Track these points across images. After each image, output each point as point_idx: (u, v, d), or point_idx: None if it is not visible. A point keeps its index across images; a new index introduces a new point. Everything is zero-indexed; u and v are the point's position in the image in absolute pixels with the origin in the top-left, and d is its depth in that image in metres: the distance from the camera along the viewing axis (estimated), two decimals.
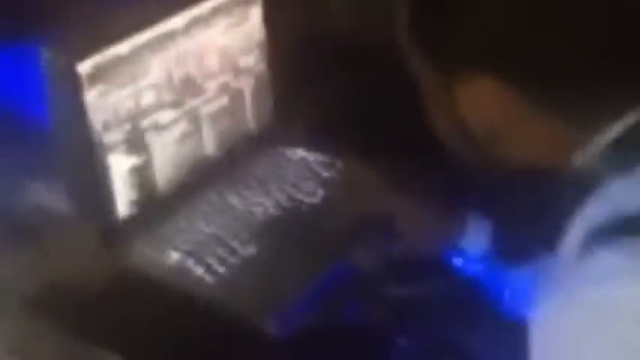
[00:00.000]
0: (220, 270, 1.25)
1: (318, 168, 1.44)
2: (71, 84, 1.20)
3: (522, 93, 0.83)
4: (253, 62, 1.42)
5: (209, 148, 1.39)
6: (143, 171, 1.29)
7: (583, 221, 0.81)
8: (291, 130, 1.47)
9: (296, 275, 1.23)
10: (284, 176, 1.42)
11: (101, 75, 1.21)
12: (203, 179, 1.38)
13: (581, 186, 0.83)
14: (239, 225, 1.32)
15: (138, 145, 1.28)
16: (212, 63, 1.36)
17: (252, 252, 1.28)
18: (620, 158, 0.82)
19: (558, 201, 0.85)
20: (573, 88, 0.82)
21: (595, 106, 0.82)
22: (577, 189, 0.83)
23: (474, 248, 1.19)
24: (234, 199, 1.37)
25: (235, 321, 1.17)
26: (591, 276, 0.76)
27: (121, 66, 1.23)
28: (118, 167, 1.26)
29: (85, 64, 1.19)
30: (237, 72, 1.40)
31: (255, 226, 1.32)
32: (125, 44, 1.23)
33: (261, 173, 1.43)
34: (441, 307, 1.18)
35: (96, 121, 1.22)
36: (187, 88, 1.33)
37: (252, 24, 1.40)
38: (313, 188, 1.40)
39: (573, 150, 0.84)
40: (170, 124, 1.32)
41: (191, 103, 1.35)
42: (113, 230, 1.27)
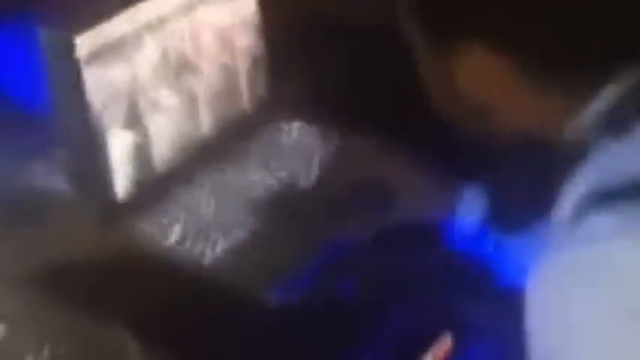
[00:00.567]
0: (220, 246, 1.25)
1: (314, 143, 1.44)
2: (69, 63, 1.20)
3: (516, 62, 0.83)
4: (249, 40, 1.43)
5: (206, 126, 1.39)
6: (141, 149, 1.30)
7: (578, 186, 0.81)
8: (287, 107, 1.47)
9: (295, 249, 1.24)
10: (281, 152, 1.43)
11: (99, 54, 1.22)
12: (201, 157, 1.38)
13: (575, 152, 0.83)
14: (237, 201, 1.33)
15: (136, 124, 1.29)
16: (208, 41, 1.37)
17: (250, 228, 1.28)
18: (614, 124, 0.82)
19: (553, 168, 0.85)
20: (565, 56, 0.82)
21: (588, 73, 0.82)
22: (571, 155, 0.83)
23: (469, 217, 1.19)
24: (232, 176, 1.38)
25: (235, 296, 1.18)
26: (587, 239, 0.76)
27: (119, 45, 1.24)
28: (117, 146, 1.27)
29: (84, 44, 1.20)
30: (233, 50, 1.41)
31: (253, 202, 1.33)
32: (123, 24, 1.24)
33: (258, 150, 1.43)
34: (436, 277, 1.19)
35: (94, 100, 1.22)
36: (184, 67, 1.34)
37: (247, 2, 1.40)
38: (310, 163, 1.40)
39: (567, 117, 0.84)
40: (167, 103, 1.33)
41: (188, 82, 1.35)
42: (112, 209, 1.27)
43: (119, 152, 1.27)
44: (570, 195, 0.82)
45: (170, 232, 1.27)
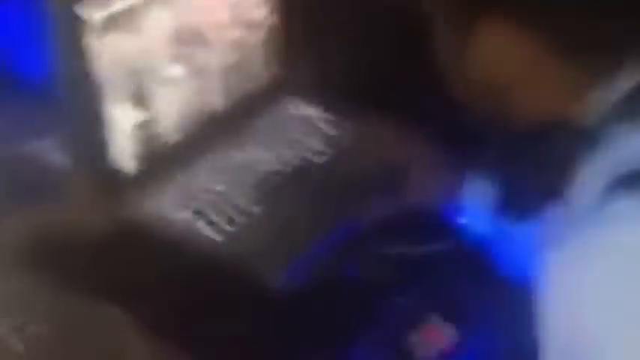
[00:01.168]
0: (226, 226, 1.24)
1: (325, 124, 1.43)
2: (76, 35, 1.18)
3: (537, 39, 0.82)
4: (263, 16, 1.40)
5: (216, 103, 1.37)
6: (149, 125, 1.28)
7: (600, 171, 0.80)
8: (299, 86, 1.46)
9: (303, 231, 1.23)
10: (291, 132, 1.42)
11: (108, 27, 1.19)
12: (210, 135, 1.36)
13: (593, 136, 0.82)
14: (245, 181, 1.31)
15: (144, 99, 1.26)
16: (221, 16, 1.34)
17: (258, 208, 1.27)
18: (635, 109, 0.81)
19: (570, 154, 0.83)
20: (588, 35, 0.81)
21: (610, 53, 0.81)
22: (589, 140, 0.82)
23: (480, 206, 1.18)
24: (241, 155, 1.36)
25: (241, 277, 1.16)
26: (612, 222, 0.76)
27: (129, 18, 1.21)
28: (124, 121, 1.24)
29: (93, 15, 1.18)
30: (246, 26, 1.38)
31: (261, 182, 1.31)
32: None
33: (268, 129, 1.42)
34: (444, 265, 1.18)
35: (102, 74, 1.20)
36: (194, 43, 1.31)
37: None
38: (320, 144, 1.39)
39: (586, 99, 0.83)
40: (177, 78, 1.30)
41: (199, 57, 1.33)
42: (118, 186, 1.25)
43: (126, 128, 1.25)
44: (591, 180, 0.81)
45: (174, 210, 1.26)
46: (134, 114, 1.26)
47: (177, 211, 1.25)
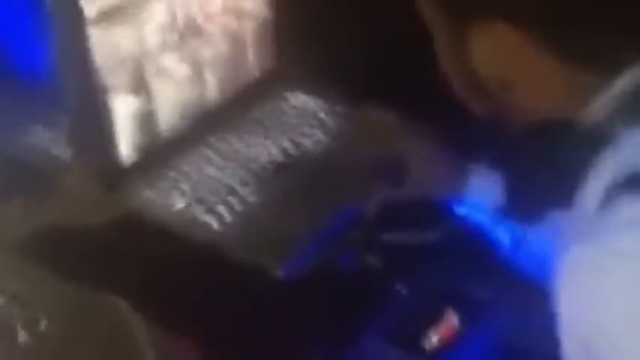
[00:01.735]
0: (225, 215, 1.24)
1: (321, 113, 1.44)
2: (75, 27, 1.18)
3: (537, 38, 0.82)
4: (257, 6, 1.41)
5: (213, 93, 1.38)
6: (146, 115, 1.28)
7: (607, 171, 0.80)
8: (294, 75, 1.46)
9: (301, 220, 1.23)
10: (288, 121, 1.42)
11: (106, 18, 1.20)
12: (207, 124, 1.37)
13: (599, 137, 0.81)
14: (243, 170, 1.32)
15: (141, 89, 1.27)
16: (216, 6, 1.35)
17: (257, 197, 1.28)
18: (637, 108, 0.80)
19: (573, 154, 0.83)
20: (589, 33, 0.81)
21: (611, 53, 0.81)
22: (595, 140, 0.81)
23: (481, 197, 1.18)
24: (238, 144, 1.37)
25: (241, 266, 1.17)
26: (619, 225, 0.75)
27: (126, 9, 1.22)
28: (122, 111, 1.25)
29: (90, 7, 1.18)
30: (240, 16, 1.39)
31: (259, 172, 1.32)
32: None
33: (265, 118, 1.42)
34: (445, 257, 1.18)
35: (99, 64, 1.20)
36: (190, 33, 1.32)
37: None
38: (317, 133, 1.40)
39: (588, 100, 0.82)
40: (174, 68, 1.31)
41: (194, 47, 1.33)
42: (117, 175, 1.26)
43: (124, 117, 1.26)
44: (598, 180, 0.80)
45: (174, 200, 1.26)
46: (133, 104, 1.26)
47: (176, 201, 1.26)
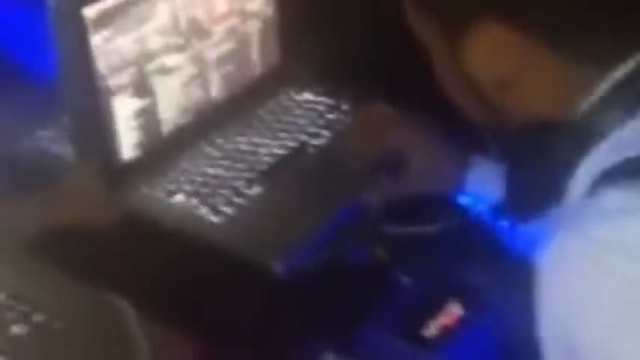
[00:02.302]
0: (226, 212, 1.25)
1: (324, 110, 1.44)
2: (77, 28, 1.19)
3: (529, 35, 0.82)
4: (260, 5, 1.41)
5: (215, 92, 1.39)
6: (148, 114, 1.29)
7: (592, 163, 0.81)
8: (297, 73, 1.47)
9: (302, 216, 1.24)
10: (290, 119, 1.42)
11: (107, 18, 1.21)
12: (209, 122, 1.38)
13: (588, 130, 0.82)
14: (245, 167, 1.32)
15: (143, 89, 1.28)
16: (218, 6, 1.36)
17: (258, 194, 1.28)
18: (629, 99, 0.81)
19: (565, 146, 0.84)
20: (580, 27, 0.81)
21: (603, 46, 0.81)
22: (585, 133, 0.82)
23: (483, 188, 1.18)
24: (239, 142, 1.37)
25: (241, 262, 1.17)
26: (600, 215, 0.76)
27: (128, 9, 1.23)
28: (124, 110, 1.26)
29: (91, 8, 1.19)
30: (243, 15, 1.39)
31: (261, 169, 1.32)
32: None
33: (267, 116, 1.43)
34: (447, 248, 1.18)
35: (101, 65, 1.21)
36: (193, 32, 1.33)
37: None
38: (319, 130, 1.40)
39: (581, 93, 0.82)
40: (176, 68, 1.32)
41: (197, 47, 1.34)
42: (118, 173, 1.27)
43: (126, 116, 1.26)
44: (584, 172, 0.81)
45: (177, 198, 1.27)
46: (135, 103, 1.27)
47: (178, 197, 1.27)
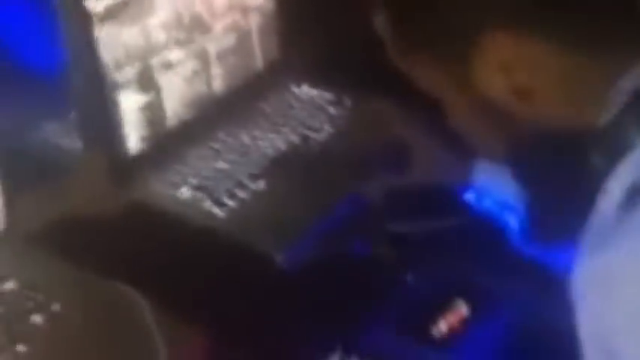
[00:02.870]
0: (230, 204, 1.26)
1: (326, 104, 1.45)
2: (82, 23, 1.20)
3: (540, 38, 0.77)
4: (261, 0, 1.43)
5: (218, 86, 1.40)
6: (153, 108, 1.30)
7: (622, 177, 0.76)
8: (299, 68, 1.47)
9: (305, 209, 1.25)
10: (292, 113, 1.43)
11: (112, 14, 1.22)
12: (213, 116, 1.39)
13: (617, 139, 0.77)
14: (248, 161, 1.34)
15: (148, 83, 1.29)
16: (220, 1, 1.37)
17: (262, 187, 1.29)
18: None
19: (593, 159, 0.79)
20: (598, 27, 0.77)
21: (617, 52, 0.77)
22: (613, 142, 0.78)
23: (490, 184, 1.16)
24: (243, 136, 1.38)
25: (246, 255, 1.18)
26: (634, 229, 0.73)
27: (132, 5, 1.24)
28: (129, 105, 1.27)
29: (97, 2, 1.20)
30: (245, 10, 1.41)
31: (264, 162, 1.34)
32: None
33: (269, 110, 1.44)
34: (454, 244, 1.18)
35: (107, 60, 1.23)
36: (196, 27, 1.34)
37: None
38: (321, 124, 1.41)
39: (601, 102, 0.78)
40: (179, 63, 1.33)
41: (200, 42, 1.36)
42: (124, 167, 1.28)
43: (131, 111, 1.28)
44: (614, 185, 0.77)
45: (181, 191, 1.28)
46: (140, 97, 1.28)
47: (183, 190, 1.28)
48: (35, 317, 1.08)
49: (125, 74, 1.26)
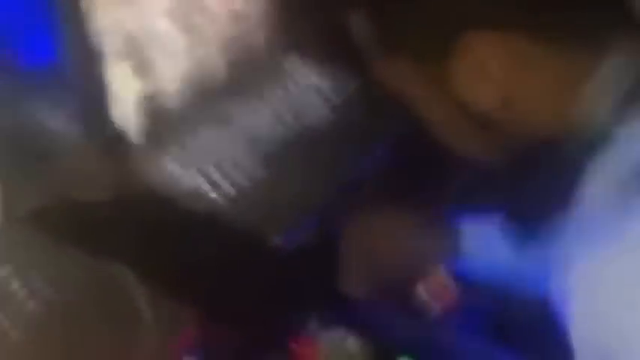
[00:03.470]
0: (230, 189, 1.25)
1: (328, 92, 1.44)
2: (80, 9, 1.20)
3: (520, 37, 0.77)
4: None
5: (217, 72, 1.39)
6: (153, 93, 1.30)
7: (611, 170, 0.76)
8: (301, 55, 1.46)
9: (306, 194, 1.25)
10: (294, 100, 1.42)
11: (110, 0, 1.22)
12: (211, 102, 1.38)
13: (597, 140, 0.77)
14: (249, 148, 1.33)
15: (148, 69, 1.29)
16: None
17: (260, 171, 1.28)
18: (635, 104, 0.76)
19: (575, 158, 0.78)
20: (581, 27, 0.77)
21: (595, 47, 0.77)
22: (594, 144, 0.77)
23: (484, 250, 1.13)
24: (244, 122, 1.38)
25: (245, 237, 1.18)
26: (628, 223, 0.72)
27: None
28: (129, 90, 1.27)
29: None
30: None
31: (263, 146, 1.32)
32: None
33: (271, 97, 1.43)
34: None
35: (105, 46, 1.23)
36: (197, 13, 1.34)
37: None
38: (322, 111, 1.40)
39: (583, 99, 0.77)
40: (180, 49, 1.32)
41: (201, 28, 1.35)
42: (121, 153, 1.28)
43: (130, 97, 1.27)
44: (601, 183, 0.76)
45: (181, 177, 1.27)
46: (138, 83, 1.28)
47: (182, 175, 1.27)
48: (30, 303, 1.08)
49: (124, 59, 1.25)
